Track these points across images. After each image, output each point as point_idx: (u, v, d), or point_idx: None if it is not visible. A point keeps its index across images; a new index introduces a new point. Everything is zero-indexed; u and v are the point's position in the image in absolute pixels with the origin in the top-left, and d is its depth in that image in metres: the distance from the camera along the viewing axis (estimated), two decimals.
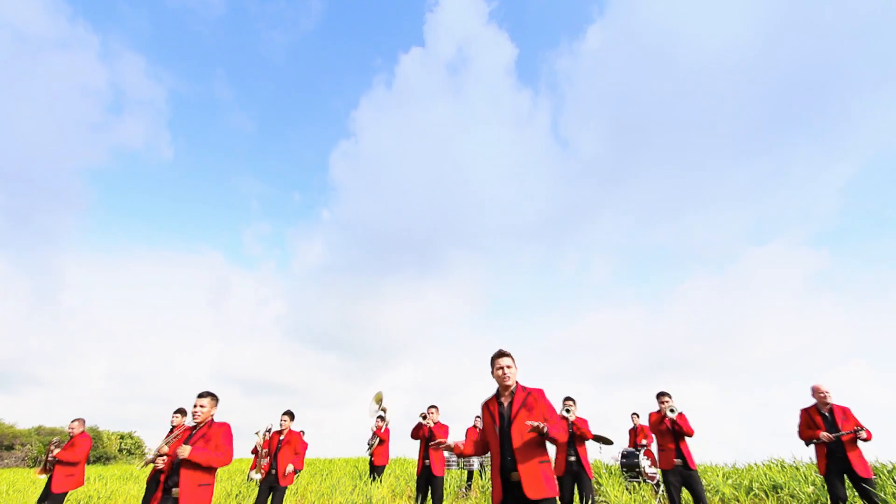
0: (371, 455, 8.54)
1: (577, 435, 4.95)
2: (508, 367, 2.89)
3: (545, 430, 2.59)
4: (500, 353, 2.95)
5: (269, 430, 9.53)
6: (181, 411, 5.54)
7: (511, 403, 2.85)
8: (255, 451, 9.31)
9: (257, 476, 5.43)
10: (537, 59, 54.84)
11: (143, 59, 49.93)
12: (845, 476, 4.54)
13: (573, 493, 4.81)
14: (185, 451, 3.24)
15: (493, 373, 2.96)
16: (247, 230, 55.62)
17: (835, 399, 4.76)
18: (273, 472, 5.21)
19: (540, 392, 2.88)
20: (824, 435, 4.57)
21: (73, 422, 5.61)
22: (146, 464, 4.13)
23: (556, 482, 2.67)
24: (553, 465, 4.93)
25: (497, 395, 2.97)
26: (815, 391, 4.83)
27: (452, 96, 49.00)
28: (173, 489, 3.28)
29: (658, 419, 4.77)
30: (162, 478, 4.62)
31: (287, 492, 7.35)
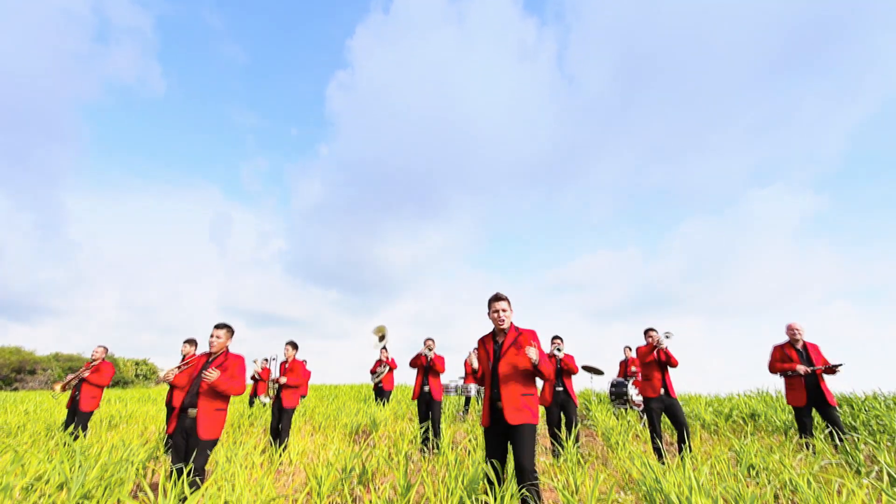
0: (380, 382, 9.08)
1: (564, 369, 5.37)
2: (504, 310, 3.09)
3: (537, 361, 2.83)
4: (497, 297, 3.13)
5: (266, 360, 10.03)
6: (191, 341, 5.76)
7: (503, 342, 3.08)
8: (254, 378, 9.90)
9: (266, 399, 5.77)
10: None
11: None
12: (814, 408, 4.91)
13: (560, 419, 5.28)
14: (213, 375, 3.50)
15: (489, 314, 3.16)
16: (244, 165, 54.59)
17: (807, 337, 5.16)
18: (280, 396, 5.54)
19: (532, 333, 3.09)
20: (801, 368, 4.91)
21: (97, 347, 6.06)
22: (158, 382, 4.45)
23: (538, 412, 2.95)
24: (540, 395, 5.33)
25: (493, 334, 3.21)
26: (790, 328, 5.20)
27: (454, 23, 45.67)
28: (190, 409, 3.54)
29: (647, 350, 5.01)
30: (175, 401, 4.93)
31: (296, 413, 7.86)
